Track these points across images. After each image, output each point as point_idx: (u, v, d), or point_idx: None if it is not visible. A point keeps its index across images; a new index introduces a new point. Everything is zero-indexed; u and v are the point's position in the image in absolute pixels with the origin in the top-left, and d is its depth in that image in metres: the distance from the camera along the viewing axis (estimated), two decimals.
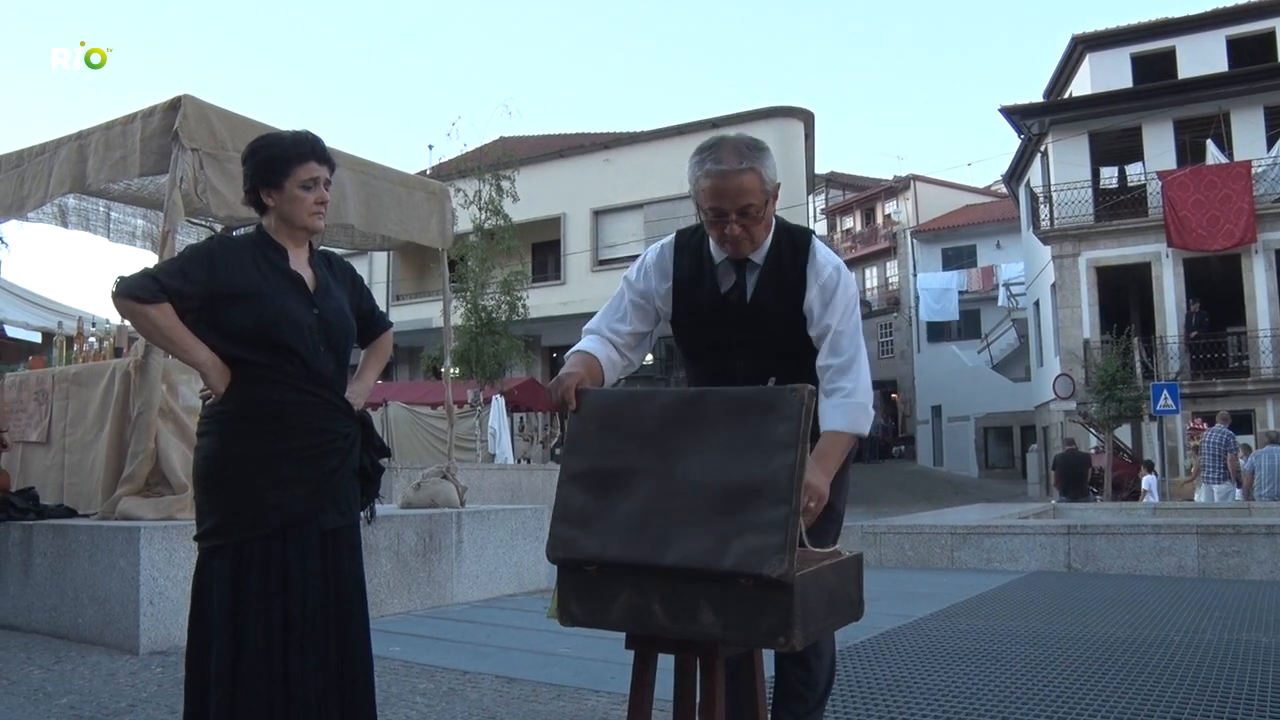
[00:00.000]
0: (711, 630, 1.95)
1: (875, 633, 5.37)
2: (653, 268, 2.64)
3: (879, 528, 10.11)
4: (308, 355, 2.56)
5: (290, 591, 2.49)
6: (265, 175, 2.61)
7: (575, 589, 2.08)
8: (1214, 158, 22.29)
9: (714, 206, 2.41)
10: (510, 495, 12.84)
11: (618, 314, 2.61)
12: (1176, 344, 22.36)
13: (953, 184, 41.71)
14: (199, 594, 2.55)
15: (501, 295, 22.37)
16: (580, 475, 2.11)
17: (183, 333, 2.51)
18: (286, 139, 2.64)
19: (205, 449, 2.58)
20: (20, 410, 6.45)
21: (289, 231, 2.66)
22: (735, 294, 2.56)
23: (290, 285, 2.62)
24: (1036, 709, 3.68)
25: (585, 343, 2.55)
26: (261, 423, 2.52)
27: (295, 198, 2.61)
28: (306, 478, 2.54)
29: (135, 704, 3.79)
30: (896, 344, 41.66)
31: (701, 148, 2.48)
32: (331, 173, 2.69)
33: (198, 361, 2.51)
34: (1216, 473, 15.16)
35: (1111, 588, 7.57)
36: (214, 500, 2.55)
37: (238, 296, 2.53)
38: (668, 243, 2.67)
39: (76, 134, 5.88)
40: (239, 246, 2.64)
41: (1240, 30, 24.41)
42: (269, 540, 2.50)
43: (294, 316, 2.56)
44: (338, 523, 2.60)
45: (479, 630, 5.45)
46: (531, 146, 29.50)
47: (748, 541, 1.90)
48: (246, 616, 2.45)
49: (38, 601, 5.30)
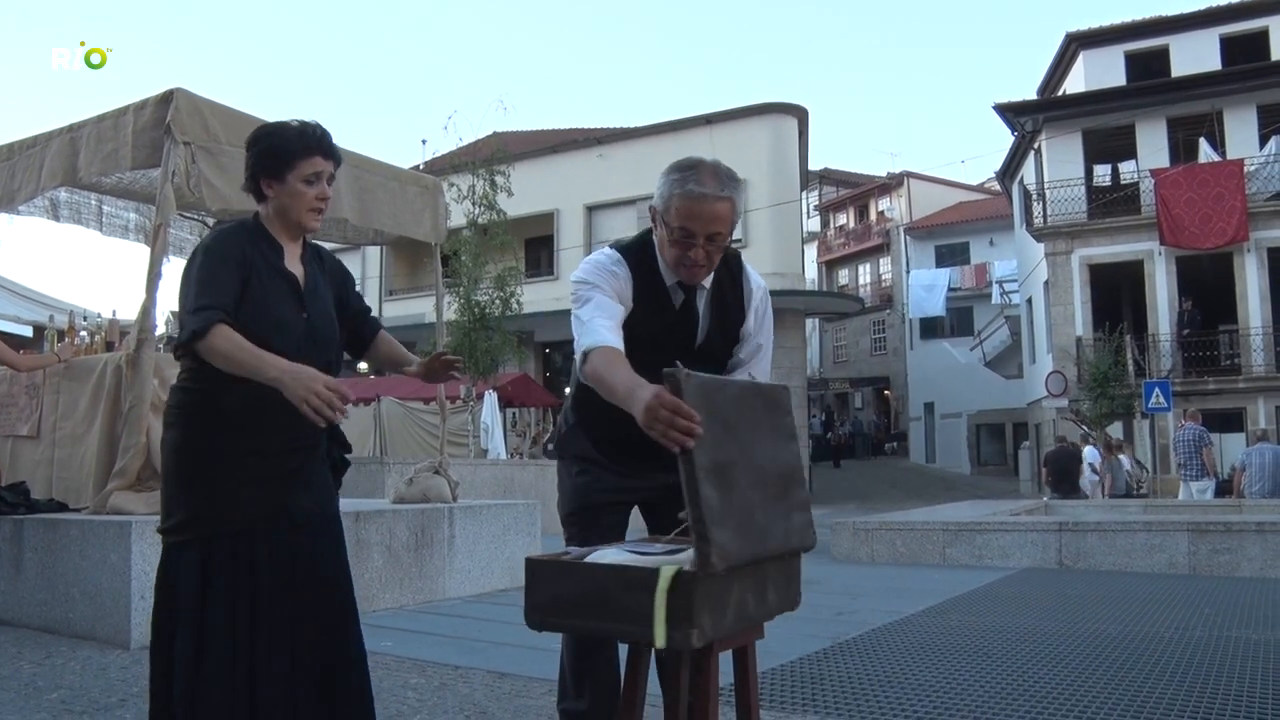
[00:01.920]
0: (774, 608, 2.14)
1: (866, 629, 5.38)
2: (614, 278, 2.47)
3: (871, 524, 10.13)
4: (290, 358, 2.44)
5: (259, 587, 2.44)
6: (267, 165, 2.54)
7: (708, 600, 1.88)
8: (1207, 156, 22.35)
9: (685, 227, 2.37)
10: (502, 490, 12.83)
11: (611, 311, 2.41)
12: (1168, 342, 22.43)
13: (946, 181, 41.79)
14: (164, 588, 2.51)
15: (495, 290, 22.32)
16: (709, 471, 1.92)
17: (247, 353, 2.32)
18: (292, 130, 2.56)
19: (174, 441, 2.52)
20: (10, 404, 6.42)
21: (284, 225, 2.59)
22: (686, 318, 2.56)
23: (284, 286, 2.55)
24: (1027, 705, 3.69)
25: (609, 339, 2.32)
26: (234, 416, 2.44)
27: (296, 191, 2.54)
28: (277, 473, 2.49)
29: (126, 698, 3.78)
30: (889, 341, 41.74)
31: (679, 166, 2.43)
32: (337, 168, 2.62)
33: (270, 379, 2.27)
34: (1194, 470, 15.24)
35: (1102, 584, 7.60)
36: (183, 494, 2.50)
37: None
38: (618, 260, 2.50)
39: (68, 127, 5.85)
40: (238, 240, 2.54)
41: (1233, 29, 24.47)
42: (238, 536, 2.45)
43: (283, 321, 2.50)
44: (312, 516, 2.55)
45: (471, 625, 5.45)
46: (525, 142, 29.45)
47: (795, 520, 2.17)
48: (213, 611, 2.41)
49: (28, 596, 5.29)
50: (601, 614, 1.93)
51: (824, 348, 45.60)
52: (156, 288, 5.57)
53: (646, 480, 2.54)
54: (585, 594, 1.95)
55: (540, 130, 32.61)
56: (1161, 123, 23.47)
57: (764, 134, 26.50)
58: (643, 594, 1.85)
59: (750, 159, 26.11)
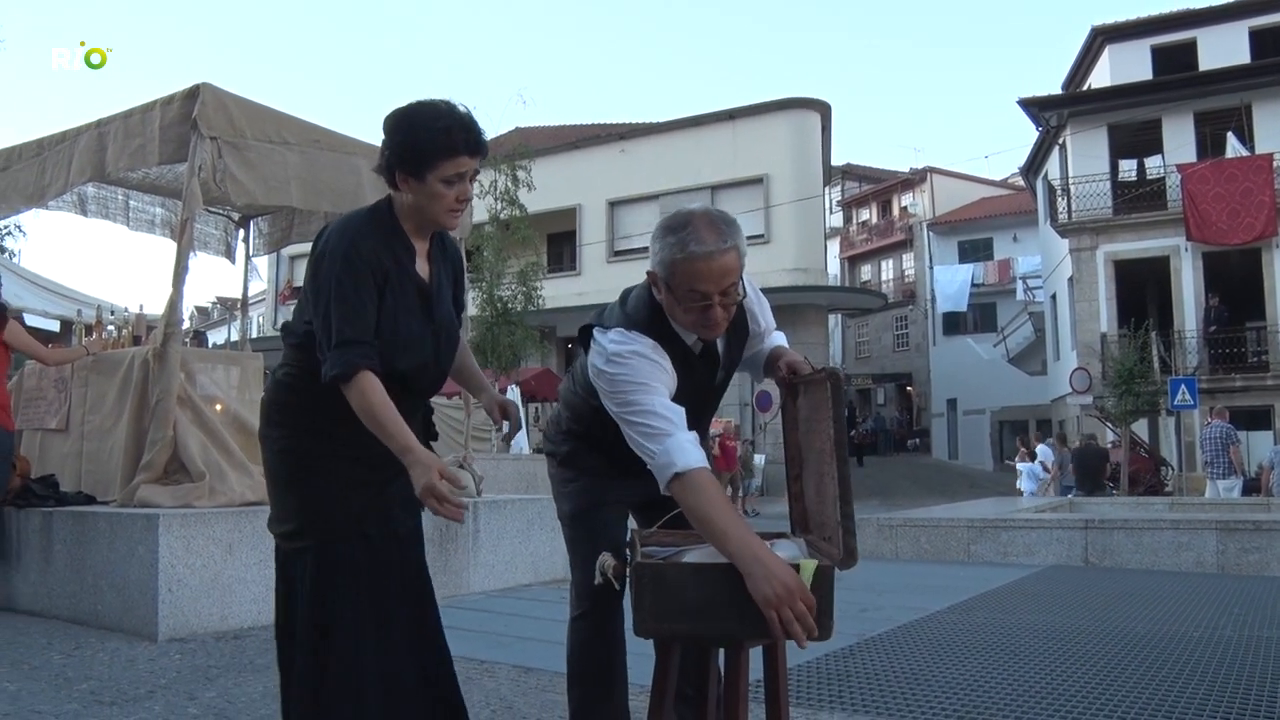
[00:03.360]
0: None
1: (891, 626, 5.35)
2: (662, 370, 2.29)
3: (894, 520, 10.08)
4: (414, 375, 2.39)
5: (377, 592, 2.37)
6: (406, 161, 2.29)
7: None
8: (1235, 150, 22.10)
9: (696, 289, 2.22)
10: (526, 485, 12.83)
11: (680, 415, 2.23)
12: (1195, 338, 22.23)
13: (970, 176, 41.54)
14: (285, 594, 2.45)
15: (517, 286, 22.38)
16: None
17: (388, 416, 2.20)
18: (440, 127, 2.27)
19: (280, 442, 2.40)
20: (39, 397, 6.48)
21: (418, 223, 2.40)
22: (713, 367, 2.51)
23: (414, 296, 2.39)
24: (1055, 704, 3.66)
25: (696, 457, 2.14)
26: (342, 425, 2.29)
27: (435, 194, 2.30)
28: (381, 479, 2.38)
29: (154, 690, 3.80)
30: (912, 337, 41.58)
31: (672, 227, 2.26)
32: (483, 160, 2.39)
33: (398, 450, 2.19)
34: (1221, 468, 15.10)
35: (1129, 582, 7.53)
36: (294, 499, 2.39)
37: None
38: (653, 348, 2.30)
39: (96, 122, 5.90)
40: (375, 245, 2.33)
41: (1263, 21, 24.16)
42: (351, 541, 2.36)
43: (413, 340, 2.37)
44: (408, 524, 2.48)
45: (496, 620, 5.46)
46: (547, 137, 29.48)
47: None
48: (335, 616, 2.33)
49: (58, 588, 5.33)
50: (731, 615, 1.87)
51: (846, 344, 45.46)
52: (183, 282, 5.61)
53: (647, 485, 2.46)
54: (714, 596, 1.88)
55: (562, 125, 32.65)
56: (1189, 117, 23.22)
57: (786, 129, 26.40)
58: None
59: (772, 154, 26.06)
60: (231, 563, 5.00)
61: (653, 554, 2.13)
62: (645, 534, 2.32)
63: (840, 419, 2.05)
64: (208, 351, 7.19)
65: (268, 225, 8.27)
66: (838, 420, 2.05)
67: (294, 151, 5.82)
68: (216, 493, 5.30)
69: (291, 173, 5.76)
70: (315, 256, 2.36)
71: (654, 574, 1.90)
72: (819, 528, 2.23)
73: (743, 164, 25.92)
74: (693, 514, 2.07)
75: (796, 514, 2.39)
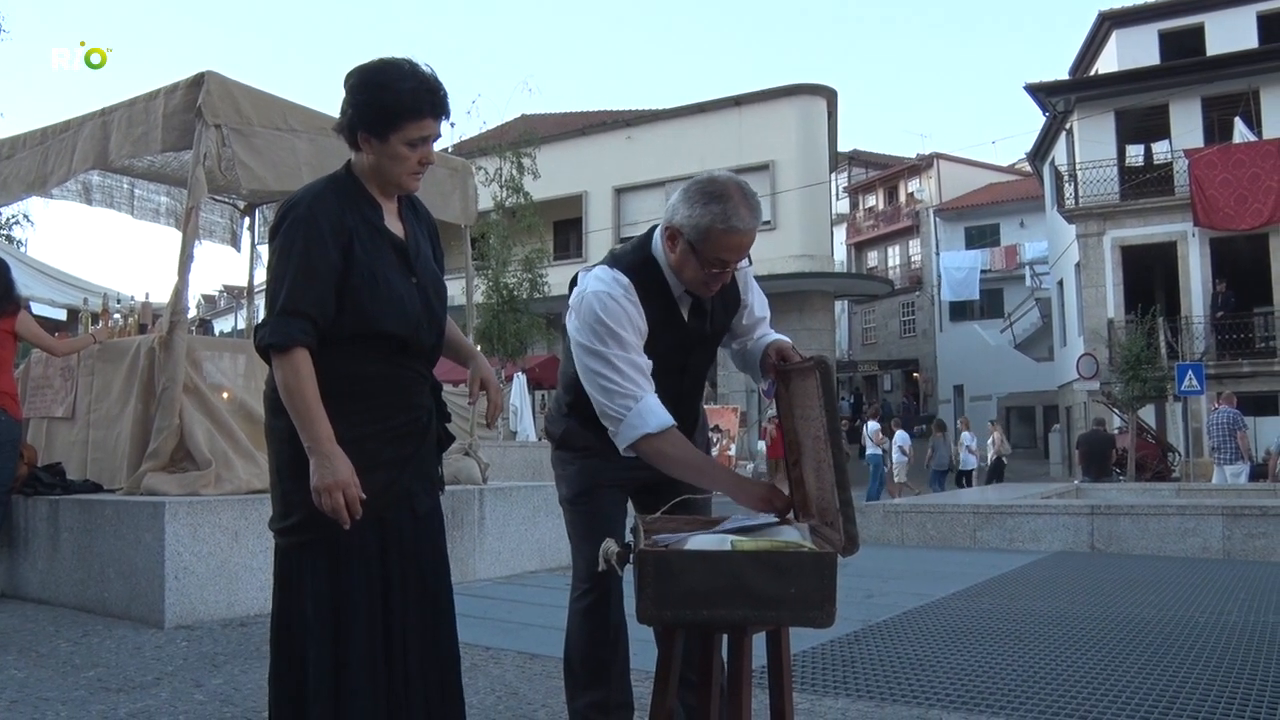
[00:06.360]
0: None
1: (897, 612, 5.36)
2: (633, 318, 2.37)
3: (901, 506, 10.09)
4: (409, 336, 2.31)
5: (391, 583, 2.29)
6: (368, 120, 2.23)
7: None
8: (1242, 136, 22.01)
9: (721, 258, 2.33)
10: (532, 473, 12.85)
11: (646, 369, 2.35)
12: (1202, 324, 22.18)
13: (976, 162, 41.41)
14: (288, 596, 2.30)
15: (523, 273, 22.38)
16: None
17: (309, 403, 2.15)
18: (406, 89, 2.21)
19: (286, 430, 2.24)
20: (46, 386, 6.49)
21: (381, 183, 2.34)
22: (701, 323, 2.55)
23: (389, 250, 2.32)
24: (1061, 689, 3.66)
25: (660, 416, 2.30)
26: (351, 400, 2.23)
27: (398, 155, 2.26)
28: (398, 457, 2.31)
29: (161, 677, 3.82)
30: (919, 323, 41.47)
31: (712, 194, 2.29)
32: (447, 120, 2.34)
33: (308, 443, 2.15)
34: (1228, 453, 15.07)
35: (1135, 569, 7.53)
36: (302, 488, 2.18)
37: (342, 276, 2.23)
38: (627, 289, 2.38)
39: (100, 110, 5.89)
40: (332, 206, 2.27)
41: (1271, 6, 24.03)
42: (364, 528, 2.22)
43: (397, 296, 2.28)
44: (428, 505, 2.40)
45: (501, 607, 5.47)
46: (553, 124, 29.42)
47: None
48: (348, 617, 2.24)
49: (65, 575, 5.35)
50: (735, 602, 1.86)
51: (853, 330, 45.37)
52: (188, 270, 5.62)
53: (647, 469, 2.45)
54: (718, 583, 1.87)
55: (568, 112, 32.55)
56: (1196, 102, 23.12)
57: (793, 115, 26.32)
58: (787, 578, 1.86)
59: (779, 140, 25.99)
60: (238, 550, 5.01)
61: (656, 541, 2.12)
62: (649, 520, 2.32)
63: (832, 408, 2.04)
64: (214, 340, 7.20)
65: (273, 213, 8.25)
66: (829, 409, 2.04)
67: (302, 139, 5.80)
68: (223, 480, 5.30)
69: (302, 159, 5.74)
70: (274, 225, 2.33)
71: (657, 561, 1.88)
72: (821, 513, 2.22)
73: (749, 150, 25.83)
74: (675, 464, 2.32)
75: (798, 500, 2.39)
